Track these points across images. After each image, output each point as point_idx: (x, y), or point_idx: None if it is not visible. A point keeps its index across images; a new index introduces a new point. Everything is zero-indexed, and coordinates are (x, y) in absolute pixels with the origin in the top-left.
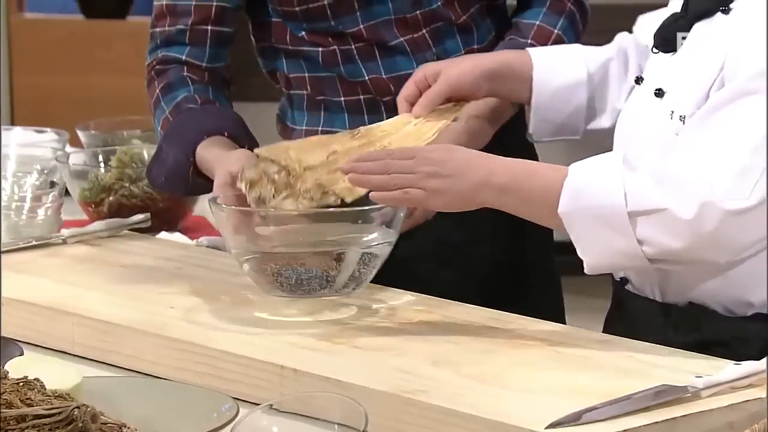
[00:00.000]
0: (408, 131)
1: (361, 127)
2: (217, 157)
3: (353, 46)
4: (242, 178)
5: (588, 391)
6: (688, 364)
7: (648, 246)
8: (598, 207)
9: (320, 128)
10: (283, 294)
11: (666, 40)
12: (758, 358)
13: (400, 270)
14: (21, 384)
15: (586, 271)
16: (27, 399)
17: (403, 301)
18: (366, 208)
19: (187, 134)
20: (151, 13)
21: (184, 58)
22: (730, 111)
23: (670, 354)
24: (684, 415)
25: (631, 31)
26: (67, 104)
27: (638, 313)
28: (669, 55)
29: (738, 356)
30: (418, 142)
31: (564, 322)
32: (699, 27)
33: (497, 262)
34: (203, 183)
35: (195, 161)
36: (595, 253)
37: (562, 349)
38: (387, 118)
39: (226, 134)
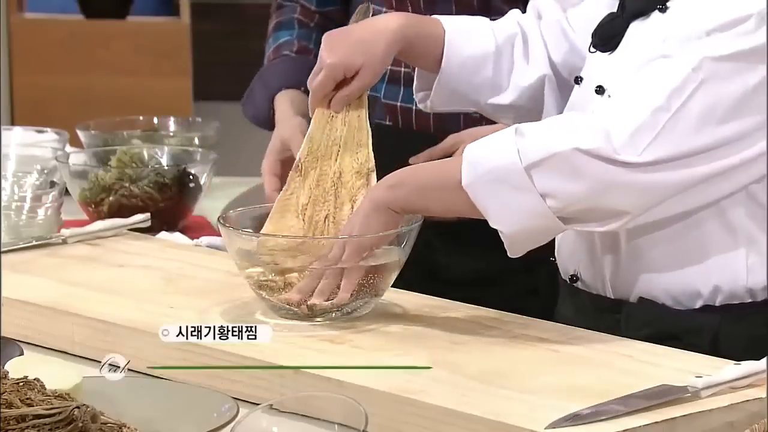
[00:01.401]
0: (343, 139)
1: (298, 158)
2: (280, 116)
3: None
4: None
5: (588, 391)
6: (688, 364)
7: (551, 198)
8: (495, 170)
9: (399, 102)
10: (288, 315)
11: (604, 40)
12: (709, 350)
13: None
14: (21, 384)
15: (507, 249)
16: (27, 399)
17: (403, 301)
18: (379, 234)
19: (271, 81)
20: (151, 13)
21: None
22: (644, 72)
23: (670, 354)
24: (684, 415)
25: None
26: (67, 104)
27: (589, 310)
28: (607, 54)
29: (690, 348)
30: (361, 146)
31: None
32: (635, 26)
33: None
34: None
35: (273, 108)
36: (505, 218)
37: (562, 349)
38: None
39: (302, 89)
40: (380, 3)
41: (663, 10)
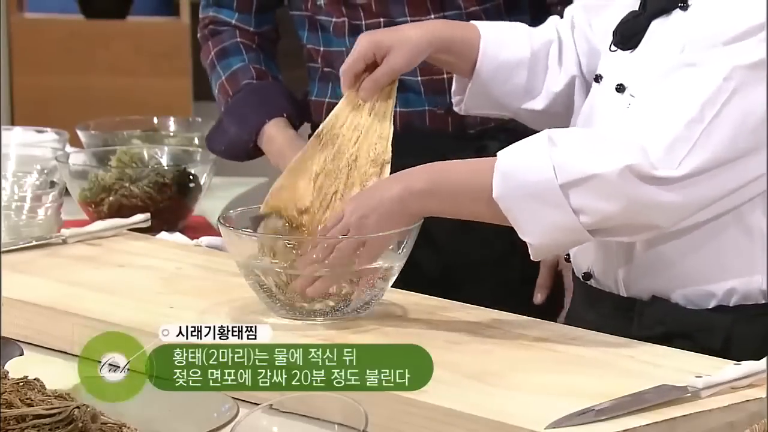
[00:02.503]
0: (365, 128)
1: (321, 127)
2: (278, 151)
3: (363, 21)
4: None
5: (588, 391)
6: (688, 364)
7: (585, 215)
8: (530, 185)
9: (327, 99)
10: (288, 315)
11: (625, 38)
12: (721, 350)
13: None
14: (21, 384)
15: (531, 255)
16: (27, 399)
17: (403, 301)
18: (377, 235)
19: (249, 116)
20: (151, 13)
21: (233, 22)
22: (672, 81)
23: (670, 354)
24: (684, 415)
25: None
26: (67, 104)
27: (602, 308)
28: (628, 52)
29: (701, 348)
30: (381, 138)
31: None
32: (657, 24)
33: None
34: (260, 153)
35: (256, 140)
36: (535, 232)
37: (562, 348)
38: None
39: (285, 115)
40: (328, 13)
41: (684, 8)
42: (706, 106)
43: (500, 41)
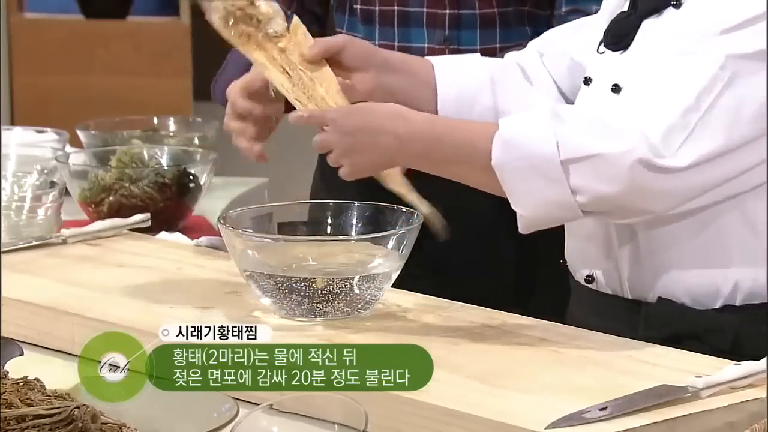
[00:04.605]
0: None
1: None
2: None
3: (377, 8)
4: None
5: (588, 391)
6: (687, 364)
7: (581, 195)
8: (531, 157)
9: None
10: (288, 315)
11: (616, 39)
12: (731, 350)
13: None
14: (21, 384)
15: (520, 228)
16: (27, 399)
17: (403, 301)
18: (377, 235)
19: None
20: (151, 13)
21: None
22: (667, 69)
23: (670, 354)
24: (684, 415)
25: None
26: (67, 104)
27: (606, 311)
28: (619, 53)
29: (711, 349)
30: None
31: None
32: (649, 23)
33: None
34: None
35: None
36: (529, 204)
37: (562, 349)
38: None
39: None
40: (419, 2)
41: (677, 5)
42: (702, 94)
43: (453, 71)
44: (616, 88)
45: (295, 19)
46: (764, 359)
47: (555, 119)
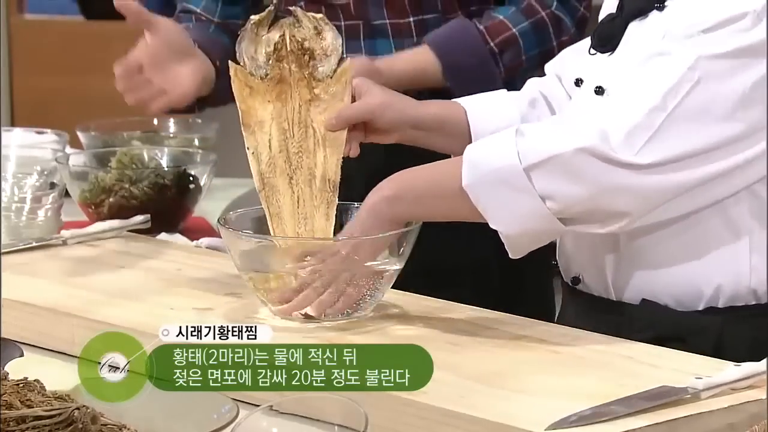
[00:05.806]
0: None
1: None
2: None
3: (342, 23)
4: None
5: (588, 392)
6: (688, 365)
7: (551, 201)
8: (497, 171)
9: None
10: (287, 316)
11: (603, 41)
12: (713, 352)
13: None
14: (21, 385)
15: (509, 252)
16: (27, 400)
17: (402, 301)
18: (377, 235)
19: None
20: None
21: (198, 10)
22: (640, 70)
23: (670, 355)
24: (684, 417)
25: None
26: (67, 105)
27: (592, 312)
28: (606, 55)
29: (695, 350)
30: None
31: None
32: (634, 26)
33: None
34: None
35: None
36: (505, 219)
37: (562, 349)
38: None
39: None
40: (382, 15)
41: (661, 8)
42: (668, 94)
43: (486, 112)
44: (599, 90)
45: (348, 62)
46: (764, 360)
47: (517, 134)
